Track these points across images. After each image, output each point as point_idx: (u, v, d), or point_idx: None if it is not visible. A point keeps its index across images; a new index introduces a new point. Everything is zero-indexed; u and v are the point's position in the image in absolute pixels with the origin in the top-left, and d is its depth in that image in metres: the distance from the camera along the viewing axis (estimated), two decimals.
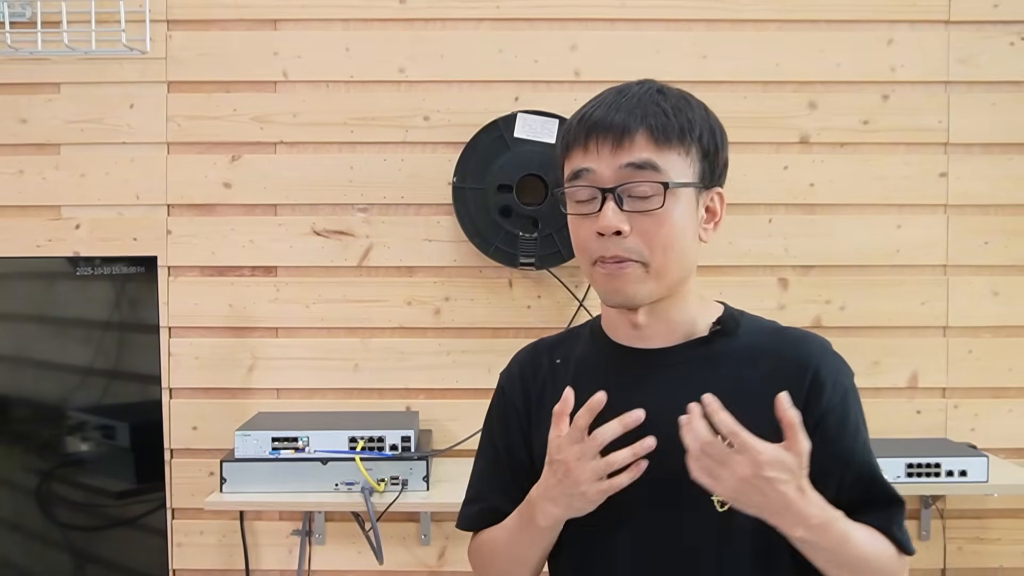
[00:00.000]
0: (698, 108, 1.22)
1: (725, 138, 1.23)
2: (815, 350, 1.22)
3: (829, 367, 1.21)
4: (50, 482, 1.83)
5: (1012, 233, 2.25)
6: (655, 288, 1.18)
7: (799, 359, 1.20)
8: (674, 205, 1.16)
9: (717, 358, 1.22)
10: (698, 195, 1.19)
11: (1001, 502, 2.25)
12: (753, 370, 1.20)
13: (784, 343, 1.23)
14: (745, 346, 1.22)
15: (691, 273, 1.23)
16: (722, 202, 1.23)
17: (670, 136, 1.16)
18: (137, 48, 2.18)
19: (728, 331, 1.23)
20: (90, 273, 1.87)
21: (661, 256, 1.16)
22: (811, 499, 1.10)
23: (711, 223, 1.23)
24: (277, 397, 2.25)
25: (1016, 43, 2.24)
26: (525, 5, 2.23)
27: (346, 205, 2.25)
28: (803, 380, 1.18)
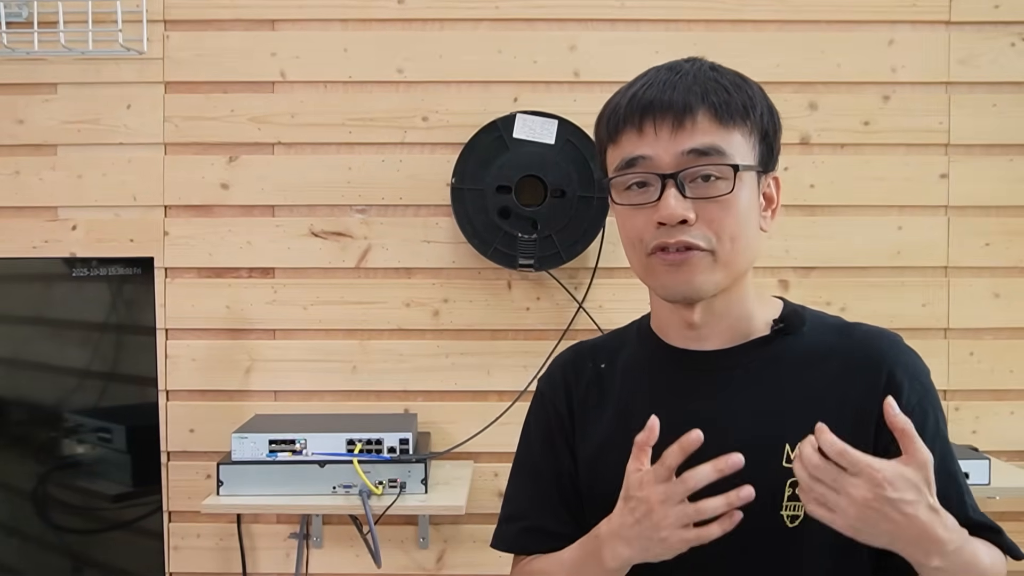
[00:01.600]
0: (755, 86, 1.13)
1: (780, 120, 1.15)
2: (887, 347, 1.12)
3: (905, 366, 1.11)
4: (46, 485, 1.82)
5: (1013, 234, 2.24)
6: (722, 279, 1.09)
7: (871, 358, 1.11)
8: (741, 190, 1.07)
9: (780, 359, 1.12)
10: (758, 179, 1.11)
11: (1003, 505, 2.24)
12: (820, 372, 1.11)
13: (853, 341, 1.13)
14: (810, 345, 1.13)
15: (752, 265, 1.14)
16: (778, 188, 1.15)
17: (733, 114, 1.07)
18: (134, 48, 2.17)
19: (791, 329, 1.14)
20: (87, 274, 1.86)
21: (729, 244, 1.07)
22: (945, 520, 0.97)
23: (769, 210, 1.14)
24: (275, 399, 2.24)
25: (1017, 44, 2.24)
26: (524, 5, 2.22)
27: (344, 206, 2.24)
28: (877, 381, 1.08)
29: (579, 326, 2.21)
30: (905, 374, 1.10)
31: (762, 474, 1.04)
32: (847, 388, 1.07)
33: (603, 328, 2.18)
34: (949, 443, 1.13)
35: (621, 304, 2.21)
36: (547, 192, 2.13)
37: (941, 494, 0.99)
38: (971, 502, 1.11)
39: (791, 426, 1.06)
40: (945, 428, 1.13)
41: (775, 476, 1.07)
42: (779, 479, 1.07)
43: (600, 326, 2.18)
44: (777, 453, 1.08)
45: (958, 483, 1.10)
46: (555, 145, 2.13)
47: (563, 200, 2.13)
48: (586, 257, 2.19)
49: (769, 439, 1.08)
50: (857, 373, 1.09)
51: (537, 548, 1.24)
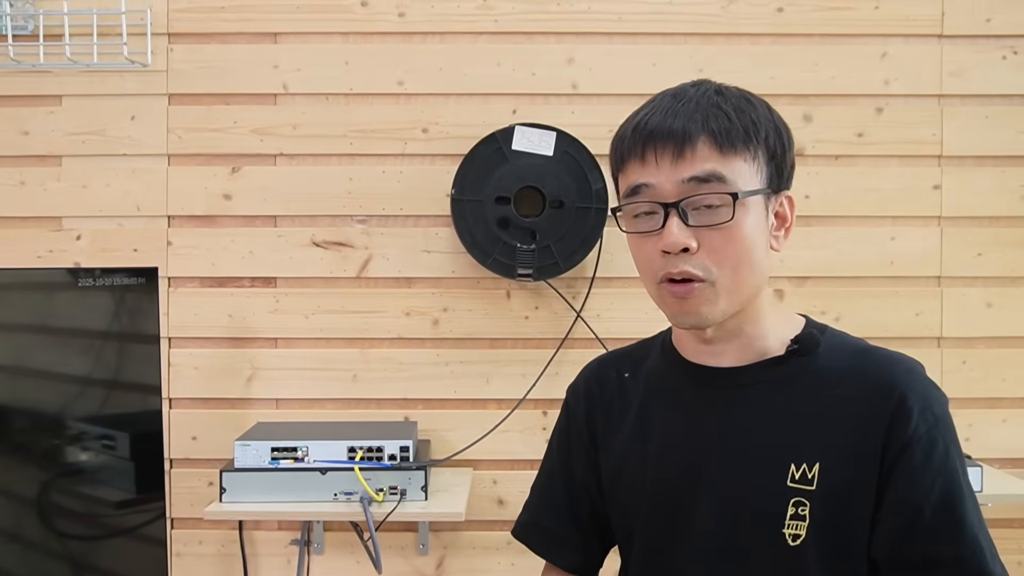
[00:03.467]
0: (761, 106, 1.12)
1: (791, 138, 1.13)
2: (902, 373, 1.09)
3: (918, 393, 1.07)
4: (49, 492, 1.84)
5: (1005, 245, 2.27)
6: (727, 306, 1.09)
7: (884, 383, 1.07)
8: (744, 216, 1.06)
9: (793, 380, 1.11)
10: (767, 201, 1.10)
11: (995, 512, 2.25)
12: (831, 394, 1.09)
13: (869, 364, 1.10)
14: (825, 367, 1.11)
15: (763, 285, 1.13)
16: (792, 206, 1.13)
17: (734, 141, 1.06)
18: (138, 61, 2.19)
19: (805, 351, 1.12)
20: (91, 284, 1.88)
21: (731, 273, 1.07)
22: None
23: (782, 230, 1.12)
24: (276, 407, 2.26)
25: (1008, 57, 2.27)
26: (523, 18, 2.25)
27: (345, 216, 2.26)
28: (887, 406, 1.06)
29: (577, 335, 2.23)
30: (916, 402, 1.06)
31: (766, 492, 1.08)
32: (856, 411, 1.06)
33: (601, 337, 2.20)
34: (960, 478, 1.06)
35: (619, 313, 2.23)
36: (545, 203, 2.16)
37: (927, 527, 1.03)
38: (974, 544, 1.05)
39: (797, 446, 1.08)
40: (959, 462, 1.07)
41: (779, 494, 1.08)
42: (783, 498, 1.08)
43: (598, 335, 2.21)
44: (782, 472, 1.08)
45: (958, 520, 1.05)
46: (553, 157, 2.16)
47: (561, 211, 2.15)
48: (584, 267, 2.21)
49: (775, 458, 1.09)
50: (868, 397, 1.07)
51: (536, 545, 1.33)
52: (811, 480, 1.06)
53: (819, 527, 1.06)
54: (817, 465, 1.06)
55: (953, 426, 1.08)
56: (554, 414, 2.26)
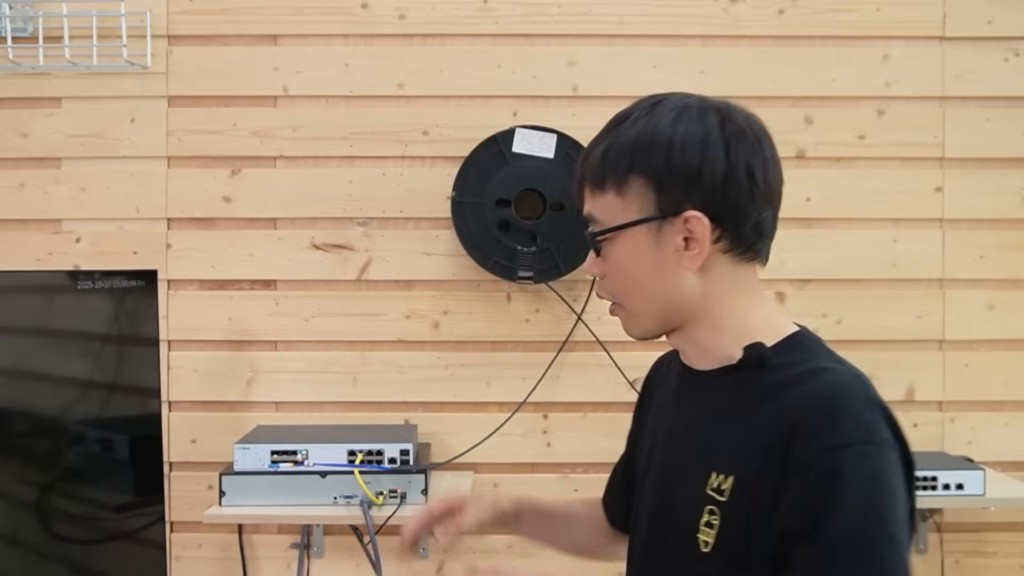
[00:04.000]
0: (645, 132, 1.10)
1: (686, 156, 1.08)
2: (820, 395, 1.03)
3: (826, 420, 1.00)
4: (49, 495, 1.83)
5: (1007, 247, 2.27)
6: (642, 324, 1.15)
7: (800, 401, 1.03)
8: (615, 250, 1.12)
9: (737, 391, 1.11)
10: (659, 228, 1.09)
11: (998, 515, 2.26)
12: (761, 409, 1.06)
13: (801, 385, 1.05)
14: (768, 382, 1.08)
15: (691, 304, 1.12)
16: (700, 224, 1.07)
17: (601, 180, 1.11)
18: (138, 63, 2.19)
19: (751, 362, 1.10)
20: (90, 287, 1.88)
21: (627, 298, 1.14)
22: None
23: (696, 250, 1.08)
24: (276, 410, 2.25)
25: (1010, 59, 2.26)
26: (523, 21, 2.25)
27: (345, 219, 2.26)
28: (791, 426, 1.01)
29: (577, 338, 2.23)
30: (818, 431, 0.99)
31: (688, 496, 1.10)
32: (771, 430, 1.03)
33: (601, 340, 2.19)
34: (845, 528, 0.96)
35: None
36: (546, 205, 2.15)
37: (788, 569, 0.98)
38: None
39: (720, 456, 1.09)
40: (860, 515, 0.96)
41: (698, 500, 1.09)
42: (700, 504, 1.09)
43: (599, 338, 2.20)
44: (704, 478, 1.09)
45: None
46: (554, 159, 2.15)
47: (562, 213, 2.15)
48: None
49: (700, 463, 1.11)
50: (782, 415, 1.03)
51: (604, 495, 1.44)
52: (724, 492, 1.06)
53: (725, 537, 1.06)
54: (732, 479, 1.06)
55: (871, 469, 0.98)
56: (555, 417, 2.27)
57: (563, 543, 1.46)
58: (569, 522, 1.45)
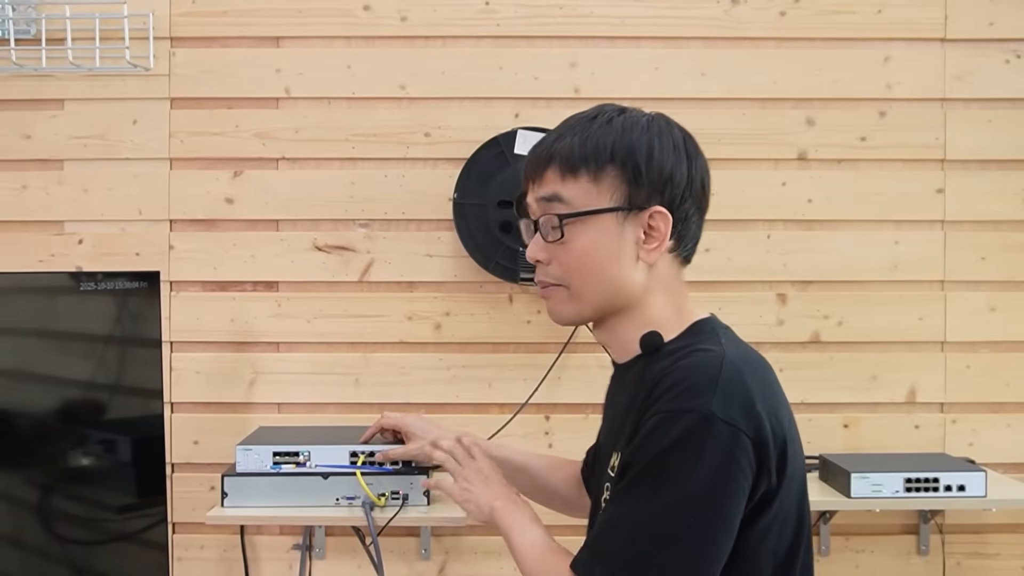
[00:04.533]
0: (625, 130, 1.19)
1: (663, 157, 1.19)
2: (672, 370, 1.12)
3: (660, 390, 1.11)
4: (51, 496, 1.83)
5: (1009, 249, 2.27)
6: (580, 309, 1.23)
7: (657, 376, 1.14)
8: (579, 234, 1.19)
9: (637, 375, 1.21)
10: (624, 218, 1.18)
11: (1000, 517, 2.26)
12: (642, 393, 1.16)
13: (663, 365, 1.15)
14: (653, 368, 1.17)
15: (632, 295, 1.21)
16: (665, 220, 1.18)
17: (576, 165, 1.18)
18: (140, 65, 2.19)
19: (646, 349, 1.21)
20: (93, 288, 1.88)
21: (579, 281, 1.21)
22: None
23: (655, 243, 1.19)
24: (278, 412, 2.26)
25: (1012, 60, 2.26)
26: (525, 22, 2.25)
27: (347, 221, 2.26)
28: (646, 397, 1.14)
29: (579, 339, 2.23)
30: (657, 394, 1.11)
31: (602, 475, 1.24)
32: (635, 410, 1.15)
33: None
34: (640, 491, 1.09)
35: None
36: None
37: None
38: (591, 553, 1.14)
39: (616, 437, 1.21)
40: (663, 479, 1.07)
41: (604, 479, 1.22)
42: (603, 482, 1.23)
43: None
44: (608, 459, 1.22)
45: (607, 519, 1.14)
46: None
47: None
48: None
49: (608, 446, 1.26)
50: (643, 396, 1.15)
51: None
52: (615, 468, 1.18)
53: None
54: (619, 455, 1.17)
55: (681, 436, 1.06)
56: (556, 418, 2.27)
57: (529, 494, 1.59)
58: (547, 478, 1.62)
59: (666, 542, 1.05)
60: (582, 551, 1.15)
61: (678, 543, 1.05)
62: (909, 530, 2.26)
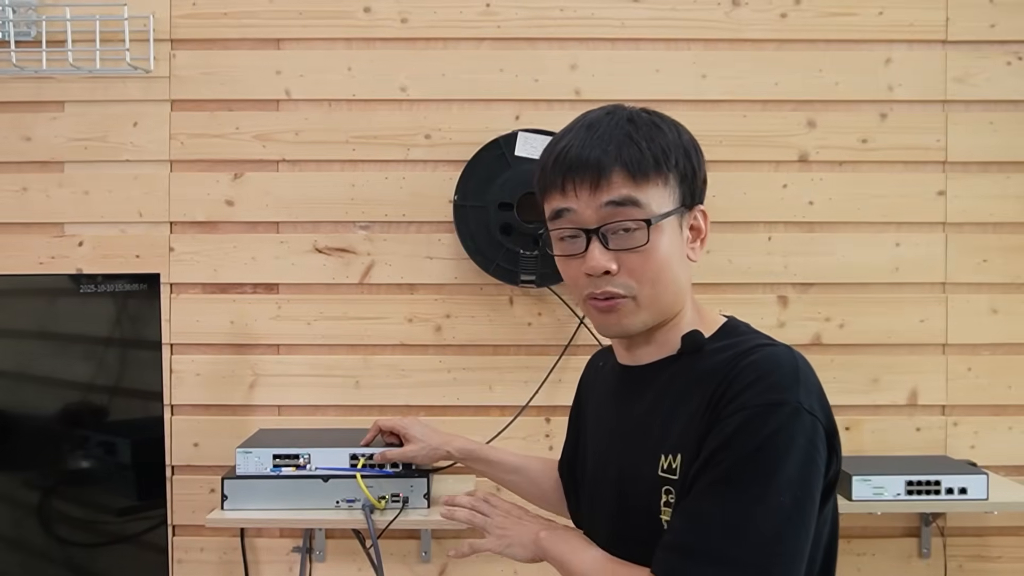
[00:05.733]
0: (671, 132, 1.20)
1: (701, 156, 1.23)
2: (744, 366, 1.11)
3: (740, 385, 1.09)
4: (51, 499, 1.83)
5: (1010, 251, 2.26)
6: (648, 317, 1.19)
7: (726, 374, 1.12)
8: (659, 238, 1.16)
9: (678, 377, 1.20)
10: (681, 219, 1.20)
11: (1001, 519, 2.26)
12: (695, 392, 1.15)
13: (728, 361, 1.14)
14: (702, 366, 1.17)
15: (684, 295, 1.22)
16: (705, 218, 1.23)
17: (646, 170, 1.15)
18: (141, 67, 2.19)
19: (689, 348, 1.20)
20: (93, 290, 1.88)
21: (650, 289, 1.17)
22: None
23: (697, 241, 1.23)
24: (278, 414, 2.25)
25: (1013, 62, 2.26)
26: (526, 24, 2.25)
27: (348, 223, 2.26)
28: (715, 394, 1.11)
29: (580, 341, 2.23)
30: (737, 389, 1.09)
31: (645, 480, 1.18)
32: (705, 405, 1.11)
33: (603, 344, 2.19)
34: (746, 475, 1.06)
35: None
36: None
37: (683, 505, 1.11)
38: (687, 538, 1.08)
39: (666, 438, 1.17)
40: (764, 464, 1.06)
41: (654, 484, 1.16)
42: (656, 485, 1.16)
43: (600, 342, 2.20)
44: (655, 462, 1.17)
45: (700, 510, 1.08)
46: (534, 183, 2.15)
47: None
48: None
49: (650, 449, 1.18)
50: (714, 390, 1.12)
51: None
52: (675, 470, 1.14)
53: None
54: (680, 456, 1.14)
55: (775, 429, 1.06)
56: (557, 420, 2.27)
57: (525, 495, 1.68)
58: (542, 481, 1.66)
59: (771, 532, 1.04)
60: (668, 555, 1.09)
61: (782, 531, 1.04)
62: (910, 533, 2.26)
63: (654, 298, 1.18)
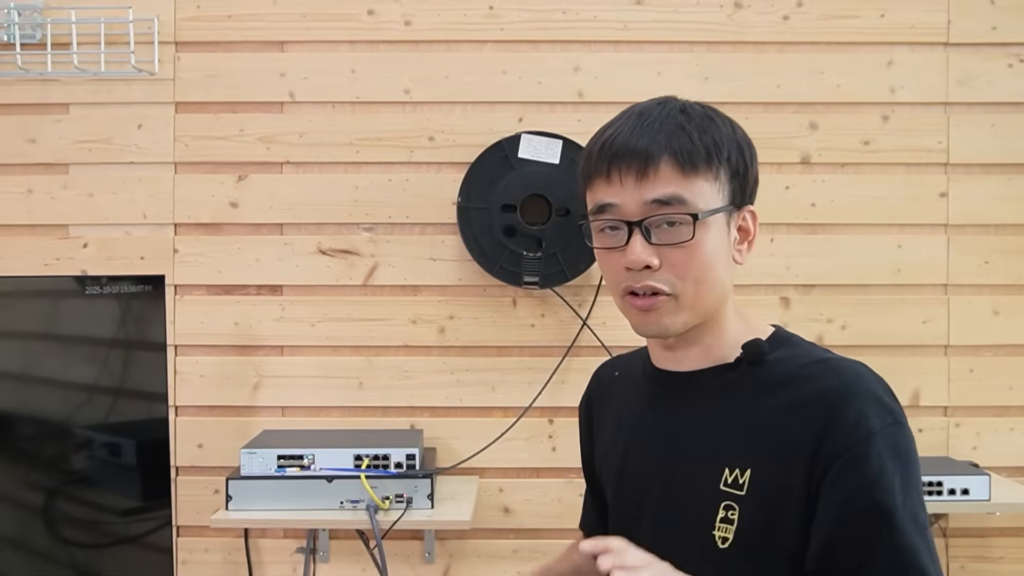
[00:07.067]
0: (724, 125, 1.15)
1: (754, 153, 1.17)
2: (843, 384, 1.07)
3: (854, 404, 1.05)
4: (56, 499, 1.84)
5: (1012, 252, 2.27)
6: (689, 318, 1.13)
7: (823, 392, 1.07)
8: (705, 235, 1.10)
9: (738, 386, 1.14)
10: (729, 217, 1.14)
11: (1004, 520, 2.26)
12: (773, 401, 1.10)
13: (814, 373, 1.09)
14: (772, 375, 1.12)
15: (727, 297, 1.16)
16: (755, 220, 1.18)
17: (696, 162, 1.10)
18: (146, 69, 2.20)
19: (751, 358, 1.14)
20: (97, 292, 1.88)
21: (692, 287, 1.11)
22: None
23: (744, 243, 1.17)
24: (282, 415, 2.26)
25: (1014, 64, 2.27)
26: (529, 27, 2.26)
27: (351, 224, 2.27)
28: (821, 415, 1.06)
29: (583, 343, 2.23)
30: (851, 412, 1.05)
31: (700, 494, 1.11)
32: (793, 419, 1.06)
33: (606, 345, 2.20)
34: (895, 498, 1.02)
35: (624, 321, 2.19)
36: (551, 211, 2.16)
37: (849, 542, 1.02)
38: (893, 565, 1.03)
39: (732, 451, 1.10)
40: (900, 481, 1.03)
41: (711, 497, 1.10)
42: (715, 501, 1.10)
43: (604, 343, 2.21)
44: (716, 474, 1.11)
45: (879, 538, 1.03)
46: (559, 164, 2.16)
47: (567, 219, 2.15)
48: (590, 275, 2.21)
49: (709, 460, 1.12)
50: (806, 406, 1.07)
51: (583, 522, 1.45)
52: (741, 485, 1.08)
53: (746, 531, 1.08)
54: (749, 471, 1.08)
55: (904, 446, 1.06)
56: (560, 422, 2.27)
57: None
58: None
59: (933, 552, 1.05)
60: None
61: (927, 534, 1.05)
62: None
63: (696, 298, 1.11)
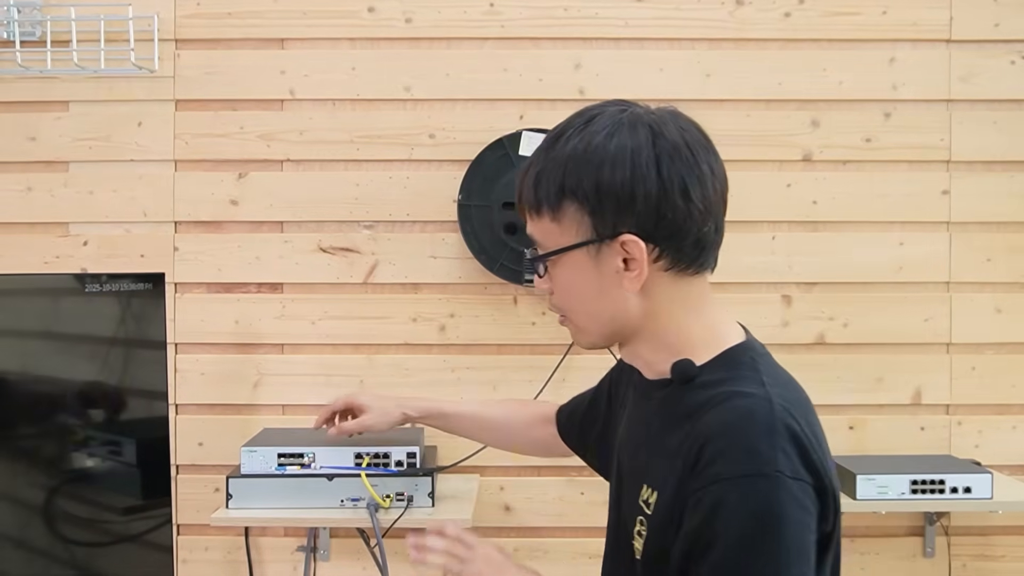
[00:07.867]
0: (576, 157, 1.08)
1: (615, 180, 1.06)
2: (716, 425, 1.02)
3: (713, 450, 1.01)
4: (56, 498, 1.84)
5: (1014, 250, 2.26)
6: (591, 339, 1.18)
7: (703, 428, 1.03)
8: (560, 272, 1.13)
9: (668, 405, 1.12)
10: (597, 250, 1.09)
11: (1005, 519, 2.25)
12: (682, 427, 1.07)
13: (714, 407, 1.04)
14: (692, 400, 1.08)
15: (632, 323, 1.13)
16: (637, 247, 1.07)
17: (536, 206, 1.11)
18: (145, 67, 2.20)
19: (679, 380, 1.11)
20: (97, 290, 1.88)
21: (573, 315, 1.16)
22: None
23: (634, 272, 1.08)
24: (283, 413, 2.26)
25: (1017, 61, 2.26)
26: (529, 24, 2.25)
27: (352, 222, 2.26)
28: (691, 454, 1.03)
29: None
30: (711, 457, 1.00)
31: (629, 504, 1.15)
32: (682, 453, 1.04)
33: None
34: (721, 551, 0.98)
35: None
36: None
37: None
38: None
39: (650, 470, 1.11)
40: (728, 537, 0.97)
41: (634, 509, 1.12)
42: (635, 512, 1.12)
43: None
44: (638, 488, 1.12)
45: None
46: None
47: None
48: None
49: (639, 473, 1.15)
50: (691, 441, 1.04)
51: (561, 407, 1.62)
52: (650, 505, 1.09)
53: (649, 548, 1.09)
54: (656, 494, 1.08)
55: (760, 502, 0.97)
56: None
57: (518, 447, 1.72)
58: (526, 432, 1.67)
59: None
60: None
61: None
62: (915, 532, 2.26)
63: (582, 323, 1.16)
